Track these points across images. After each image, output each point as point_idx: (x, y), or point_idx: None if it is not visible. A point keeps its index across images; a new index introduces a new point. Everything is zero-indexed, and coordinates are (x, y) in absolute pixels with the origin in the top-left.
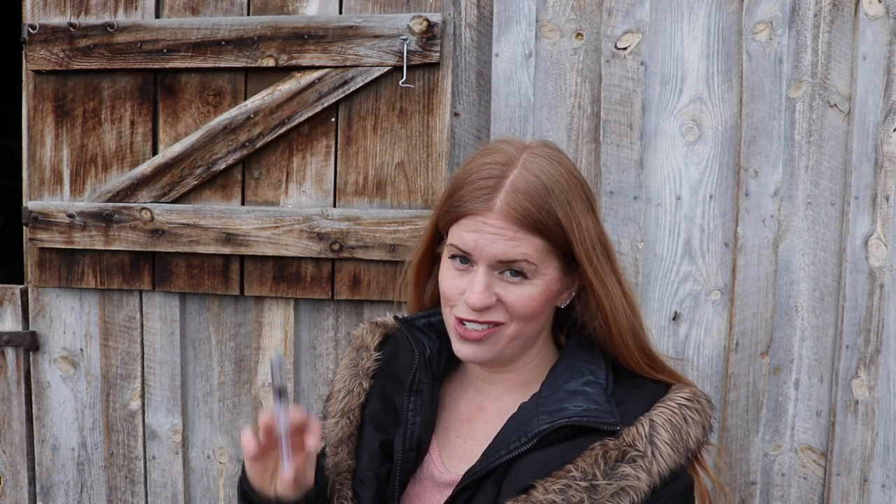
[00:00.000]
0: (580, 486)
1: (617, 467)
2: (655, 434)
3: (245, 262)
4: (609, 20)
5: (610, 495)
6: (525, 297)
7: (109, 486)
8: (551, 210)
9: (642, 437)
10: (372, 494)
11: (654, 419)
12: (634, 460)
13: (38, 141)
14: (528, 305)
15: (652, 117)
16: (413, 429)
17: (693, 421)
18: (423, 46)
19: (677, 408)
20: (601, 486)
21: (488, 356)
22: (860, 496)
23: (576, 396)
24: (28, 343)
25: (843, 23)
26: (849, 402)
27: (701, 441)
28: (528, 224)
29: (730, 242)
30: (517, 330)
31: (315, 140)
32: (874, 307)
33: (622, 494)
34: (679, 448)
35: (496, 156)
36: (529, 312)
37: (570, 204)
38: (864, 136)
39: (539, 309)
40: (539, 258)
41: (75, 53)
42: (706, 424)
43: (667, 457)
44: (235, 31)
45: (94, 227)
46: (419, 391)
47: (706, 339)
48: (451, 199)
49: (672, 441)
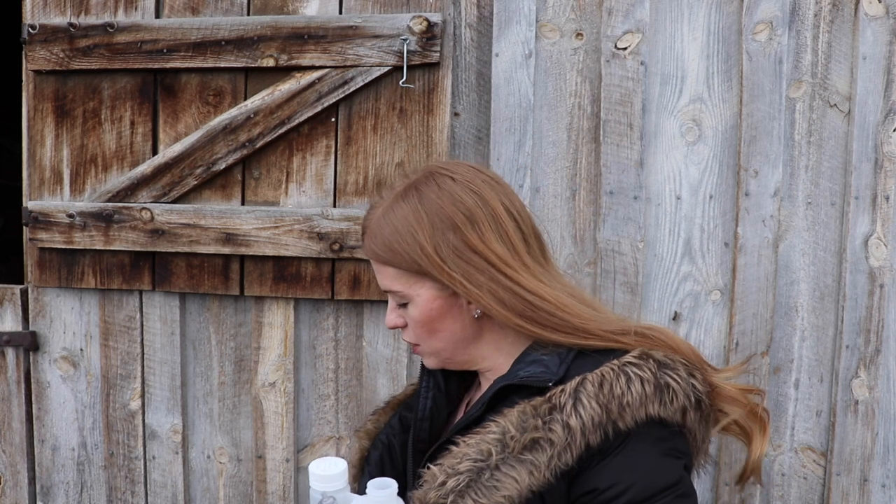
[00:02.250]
0: (491, 438)
1: (528, 421)
2: (582, 389)
3: (245, 262)
4: (609, 20)
5: (521, 448)
6: (414, 319)
7: (109, 486)
8: (390, 245)
9: (567, 392)
10: (377, 456)
11: (588, 376)
12: (549, 413)
13: (38, 141)
14: (419, 325)
15: (652, 117)
16: (426, 402)
17: (636, 376)
18: (423, 46)
19: (619, 365)
20: (512, 437)
21: (432, 364)
22: (860, 496)
23: (531, 364)
24: (28, 343)
25: (843, 23)
26: (849, 402)
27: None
28: (380, 259)
29: (730, 242)
30: (429, 347)
31: (315, 140)
32: (874, 307)
33: (536, 448)
34: (606, 403)
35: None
36: (425, 330)
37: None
38: (864, 136)
39: (431, 325)
40: (402, 284)
41: (75, 53)
42: (658, 383)
43: (590, 409)
44: (235, 31)
45: (94, 227)
46: (432, 373)
47: (706, 339)
48: None
49: (597, 395)
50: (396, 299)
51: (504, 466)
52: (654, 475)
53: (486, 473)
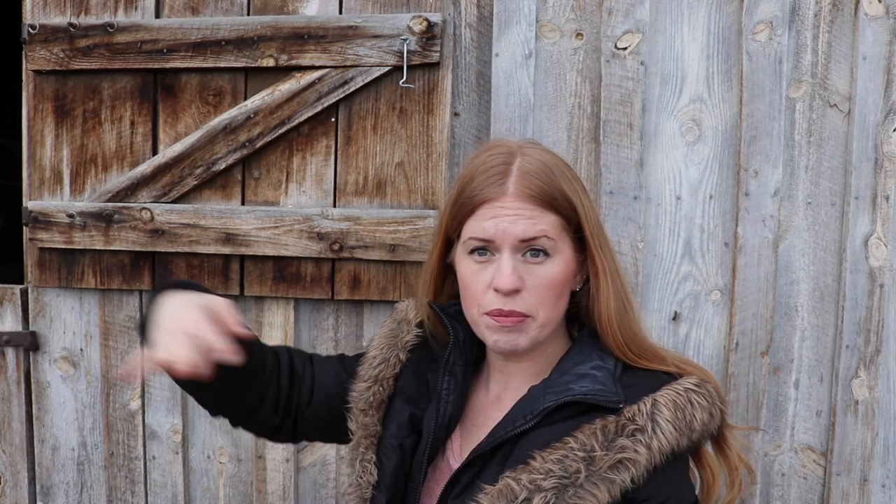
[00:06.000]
0: (578, 455)
1: (615, 440)
2: (657, 412)
3: (245, 262)
4: (609, 20)
5: (608, 467)
6: (549, 276)
7: (109, 486)
8: (560, 187)
9: (643, 413)
10: (395, 463)
11: (658, 399)
12: (633, 434)
13: (38, 141)
14: (551, 286)
15: (652, 117)
16: (446, 407)
17: (699, 405)
18: (423, 46)
19: (683, 391)
20: (598, 456)
21: (525, 344)
22: (860, 496)
23: (583, 378)
24: (28, 343)
25: (843, 23)
26: (849, 402)
27: (707, 426)
28: (542, 201)
29: (730, 242)
30: (545, 317)
31: (315, 140)
32: (874, 307)
33: (620, 467)
34: (682, 428)
35: (498, 149)
36: (553, 293)
37: (572, 182)
38: (864, 136)
39: (561, 289)
40: (556, 234)
41: (75, 53)
42: (714, 411)
43: (668, 433)
44: (235, 31)
45: (94, 227)
46: (453, 372)
47: (706, 339)
48: (462, 196)
49: (674, 419)
50: (538, 252)
51: (588, 484)
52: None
53: (570, 490)
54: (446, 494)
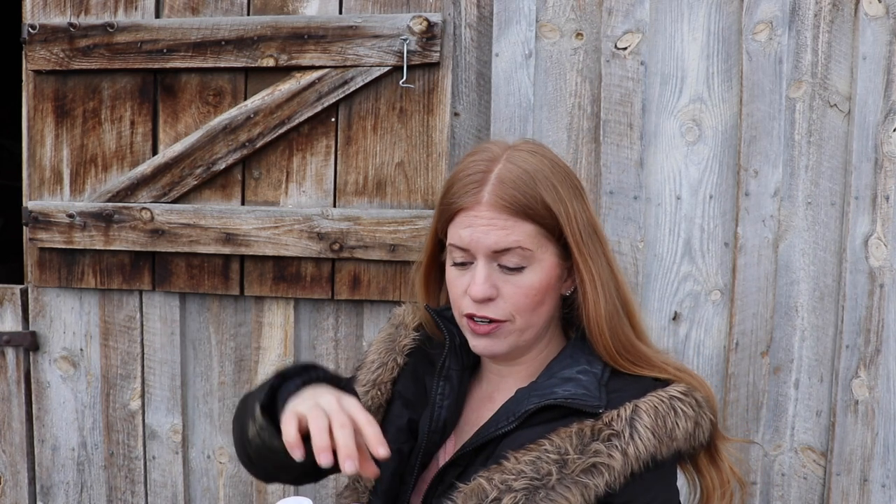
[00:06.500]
0: (551, 458)
1: (590, 444)
2: (637, 418)
3: (245, 262)
4: (609, 20)
5: (581, 471)
6: (525, 286)
7: (109, 486)
8: (537, 194)
9: (623, 419)
10: (393, 468)
11: (639, 405)
12: (609, 439)
13: (38, 141)
14: (528, 294)
15: (652, 117)
16: (440, 412)
17: (683, 413)
18: (423, 46)
19: (667, 398)
20: (571, 459)
21: (502, 349)
22: (860, 496)
23: (567, 382)
24: (28, 343)
25: (843, 23)
26: (849, 402)
27: (693, 435)
28: (516, 210)
29: (730, 242)
30: (524, 322)
31: (315, 140)
32: (874, 307)
33: (594, 471)
34: (661, 435)
35: (481, 154)
36: (531, 301)
37: (556, 188)
38: (864, 136)
39: (540, 297)
40: (533, 244)
41: (75, 53)
42: (701, 421)
43: (646, 440)
44: (235, 31)
45: (94, 227)
46: (448, 377)
47: (706, 339)
48: (444, 201)
49: (654, 426)
50: (512, 262)
51: (560, 487)
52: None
53: (541, 492)
54: (431, 492)
